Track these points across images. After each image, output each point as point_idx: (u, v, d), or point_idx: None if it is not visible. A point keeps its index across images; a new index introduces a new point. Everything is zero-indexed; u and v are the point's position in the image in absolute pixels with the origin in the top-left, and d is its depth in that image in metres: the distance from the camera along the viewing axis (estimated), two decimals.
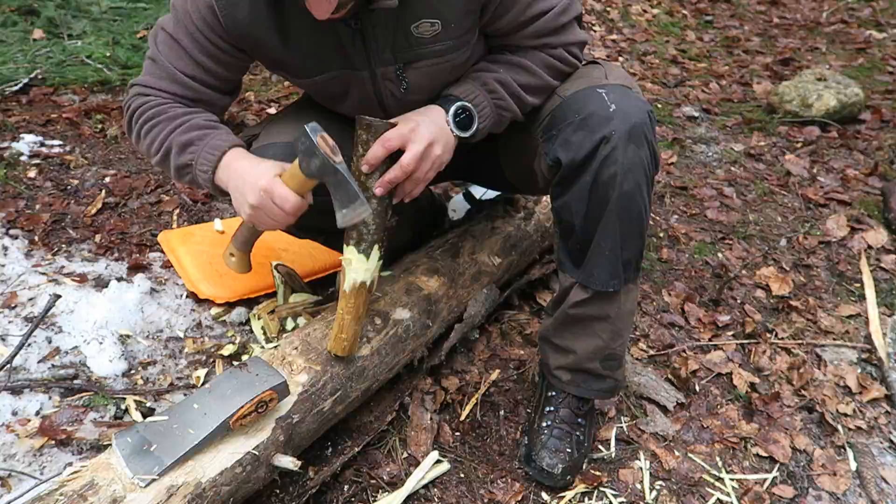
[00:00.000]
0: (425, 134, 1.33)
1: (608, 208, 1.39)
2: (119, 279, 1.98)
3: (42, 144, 2.61)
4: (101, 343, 1.73)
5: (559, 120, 1.44)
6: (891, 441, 1.80)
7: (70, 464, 1.45)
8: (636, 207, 1.40)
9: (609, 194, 1.38)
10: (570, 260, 1.51)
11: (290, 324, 1.88)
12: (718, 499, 1.60)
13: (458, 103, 1.41)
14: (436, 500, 1.53)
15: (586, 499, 1.56)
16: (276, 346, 1.50)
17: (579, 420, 1.62)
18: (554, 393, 1.64)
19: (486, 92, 1.44)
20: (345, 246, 1.42)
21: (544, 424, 1.61)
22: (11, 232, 2.12)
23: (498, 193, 2.19)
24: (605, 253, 1.44)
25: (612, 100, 1.39)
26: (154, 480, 1.15)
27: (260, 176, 1.30)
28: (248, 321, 1.91)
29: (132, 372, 1.72)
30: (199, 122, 1.43)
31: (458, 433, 1.69)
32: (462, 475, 1.59)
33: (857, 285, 2.36)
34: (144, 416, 1.58)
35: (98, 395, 1.61)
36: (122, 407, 1.61)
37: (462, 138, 1.43)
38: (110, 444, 1.22)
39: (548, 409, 1.63)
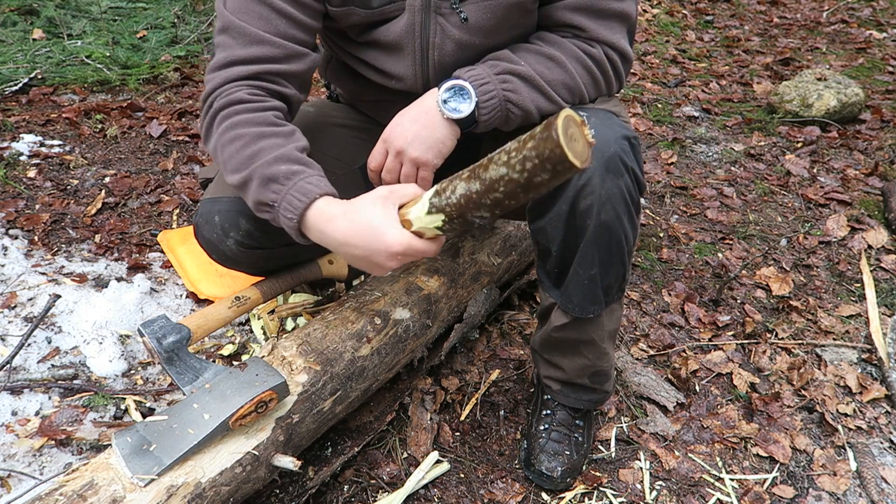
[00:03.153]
0: (397, 142, 1.31)
1: (585, 238, 1.32)
2: (119, 279, 1.98)
3: (42, 144, 2.61)
4: (100, 343, 1.73)
5: None
6: (891, 441, 1.80)
7: (70, 464, 1.45)
8: (616, 236, 1.32)
9: (586, 224, 1.31)
10: (550, 280, 1.45)
11: (290, 324, 1.88)
12: (718, 499, 1.60)
13: (451, 81, 1.30)
14: (436, 500, 1.53)
15: (586, 499, 1.56)
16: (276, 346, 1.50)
17: (577, 422, 1.62)
18: (550, 396, 1.64)
19: (497, 80, 1.31)
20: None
21: (542, 428, 1.61)
22: (11, 232, 2.12)
23: None
24: (584, 282, 1.38)
25: (591, 125, 1.28)
26: (154, 480, 1.15)
27: (391, 243, 1.14)
28: (248, 321, 1.91)
29: (132, 372, 1.72)
30: (289, 154, 1.23)
31: (458, 433, 1.69)
32: (462, 475, 1.59)
33: (858, 285, 2.36)
34: (144, 416, 1.58)
35: (98, 395, 1.61)
36: (122, 407, 1.61)
37: (457, 121, 1.31)
38: (110, 444, 1.22)
39: (545, 412, 1.63)
